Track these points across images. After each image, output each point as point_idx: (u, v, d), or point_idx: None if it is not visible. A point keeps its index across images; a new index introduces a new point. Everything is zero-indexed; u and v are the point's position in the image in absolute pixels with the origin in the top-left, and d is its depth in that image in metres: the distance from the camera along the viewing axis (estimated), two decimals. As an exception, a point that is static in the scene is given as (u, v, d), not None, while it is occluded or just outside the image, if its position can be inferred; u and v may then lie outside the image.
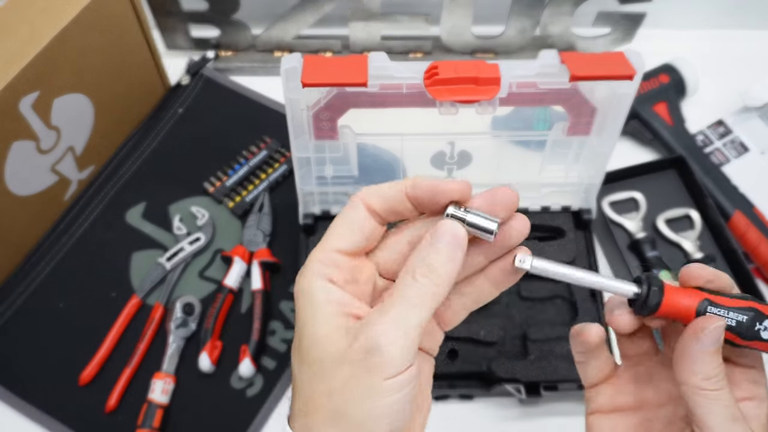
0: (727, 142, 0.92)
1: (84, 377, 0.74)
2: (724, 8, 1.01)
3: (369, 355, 0.32)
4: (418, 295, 0.34)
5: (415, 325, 0.33)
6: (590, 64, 0.62)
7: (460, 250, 0.35)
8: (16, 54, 0.68)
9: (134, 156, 0.90)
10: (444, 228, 0.35)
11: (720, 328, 0.37)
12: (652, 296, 0.38)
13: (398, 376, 0.33)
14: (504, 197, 0.36)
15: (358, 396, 0.33)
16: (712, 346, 0.37)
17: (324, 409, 0.34)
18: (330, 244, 0.36)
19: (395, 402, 0.33)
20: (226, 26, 0.95)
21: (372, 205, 0.36)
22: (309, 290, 0.35)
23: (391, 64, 0.61)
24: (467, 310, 0.40)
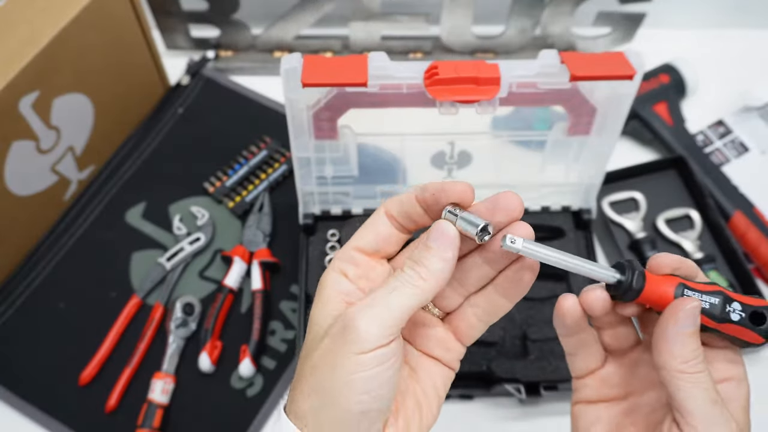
0: (727, 142, 0.92)
1: (84, 377, 0.74)
2: (725, 8, 1.01)
3: (345, 330, 0.35)
4: (400, 283, 0.36)
5: (393, 307, 0.35)
6: (590, 64, 0.62)
7: (450, 248, 0.36)
8: (16, 54, 0.68)
9: (134, 156, 0.90)
10: (435, 227, 0.37)
11: (696, 308, 0.37)
12: (636, 281, 0.38)
13: (372, 352, 0.34)
14: (506, 202, 0.37)
15: (333, 368, 0.35)
16: (689, 327, 0.37)
17: (306, 381, 0.36)
18: (351, 243, 0.40)
19: (367, 379, 0.35)
20: (226, 26, 0.95)
21: (390, 210, 0.39)
22: (323, 281, 0.39)
23: (391, 64, 0.61)
24: (483, 322, 0.42)
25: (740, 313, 0.39)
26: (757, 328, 0.39)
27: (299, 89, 0.61)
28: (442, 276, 0.36)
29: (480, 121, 0.70)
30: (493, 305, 0.41)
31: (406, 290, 0.36)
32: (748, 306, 0.39)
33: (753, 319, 0.39)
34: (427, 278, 0.36)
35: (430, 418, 0.41)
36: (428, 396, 0.42)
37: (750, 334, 0.39)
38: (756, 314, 0.39)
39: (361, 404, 0.35)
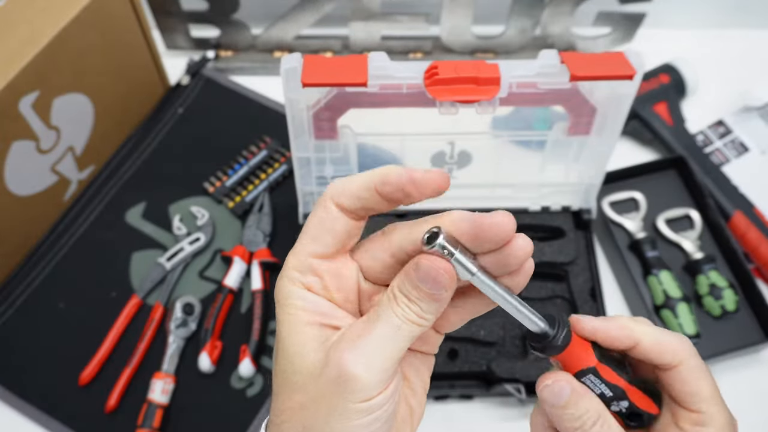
0: (727, 142, 0.92)
1: (84, 377, 0.74)
2: (725, 8, 1.01)
3: (341, 378, 0.32)
4: (396, 323, 0.33)
5: (390, 355, 0.33)
6: (590, 64, 0.62)
7: (445, 291, 0.33)
8: (16, 54, 0.68)
9: (134, 156, 0.90)
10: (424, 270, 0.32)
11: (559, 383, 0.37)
12: (563, 339, 0.37)
13: (370, 401, 0.32)
14: (491, 231, 0.32)
15: (329, 415, 0.32)
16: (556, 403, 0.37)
17: (297, 421, 0.33)
18: (303, 249, 0.35)
19: (368, 423, 0.33)
20: (226, 26, 0.95)
21: (343, 203, 0.34)
22: (285, 298, 0.35)
23: (391, 64, 0.61)
24: (464, 319, 0.39)
25: (623, 409, 0.39)
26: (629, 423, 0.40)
27: (299, 89, 0.61)
28: (437, 313, 0.34)
29: (480, 121, 0.70)
30: (475, 306, 0.38)
31: (406, 329, 0.33)
32: (634, 407, 0.39)
33: (630, 416, 0.40)
34: (422, 316, 0.33)
35: (419, 411, 0.40)
36: (417, 393, 0.40)
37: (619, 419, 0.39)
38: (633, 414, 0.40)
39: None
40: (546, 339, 0.37)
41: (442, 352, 0.73)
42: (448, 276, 0.32)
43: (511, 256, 0.33)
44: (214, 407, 0.74)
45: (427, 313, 0.33)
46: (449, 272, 0.32)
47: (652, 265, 0.79)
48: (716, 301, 0.77)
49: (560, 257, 0.77)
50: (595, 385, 0.38)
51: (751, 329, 0.77)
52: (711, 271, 0.79)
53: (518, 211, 0.80)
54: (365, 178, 0.34)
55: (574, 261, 0.78)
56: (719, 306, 0.77)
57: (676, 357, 0.39)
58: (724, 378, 0.76)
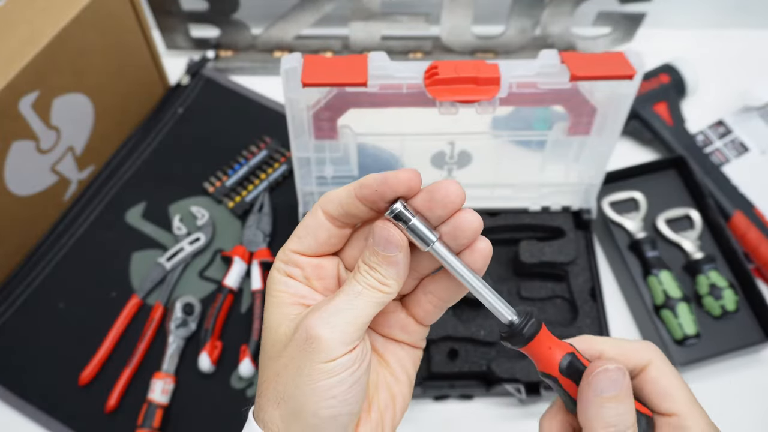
0: (727, 142, 0.92)
1: (84, 377, 0.74)
2: (725, 8, 1.01)
3: (307, 341, 0.35)
4: (357, 290, 0.36)
5: (353, 316, 0.35)
6: (590, 64, 0.62)
7: (398, 251, 0.36)
8: (16, 54, 0.68)
9: (134, 156, 0.90)
10: (377, 232, 0.36)
11: (615, 372, 0.36)
12: (528, 329, 0.38)
13: (333, 362, 0.35)
14: (444, 194, 0.35)
15: (297, 377, 0.35)
16: (607, 391, 0.36)
17: (272, 390, 0.36)
18: (289, 246, 0.39)
19: (333, 385, 0.35)
20: (226, 26, 0.95)
21: (329, 211, 0.37)
22: (270, 284, 0.39)
23: (391, 64, 0.62)
24: (439, 307, 0.40)
25: None
26: None
27: (299, 89, 0.61)
28: (398, 278, 0.36)
29: (480, 121, 0.70)
30: (447, 291, 0.39)
31: (367, 295, 0.36)
32: None
33: None
34: (384, 282, 0.36)
35: (402, 402, 0.41)
36: (400, 381, 0.41)
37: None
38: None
39: (331, 409, 0.35)
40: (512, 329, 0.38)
41: (442, 352, 0.73)
42: (398, 236, 0.36)
43: (460, 228, 0.36)
44: (214, 407, 0.74)
45: (388, 278, 0.36)
46: (399, 234, 0.36)
47: (652, 265, 0.79)
48: (716, 301, 0.77)
49: (560, 257, 0.77)
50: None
51: (751, 329, 0.77)
52: (711, 271, 0.79)
53: (518, 211, 0.80)
54: (348, 186, 0.37)
55: (574, 261, 0.78)
56: (719, 306, 0.77)
57: (643, 358, 0.39)
58: (724, 378, 0.76)
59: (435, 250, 0.36)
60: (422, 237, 0.36)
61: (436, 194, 0.35)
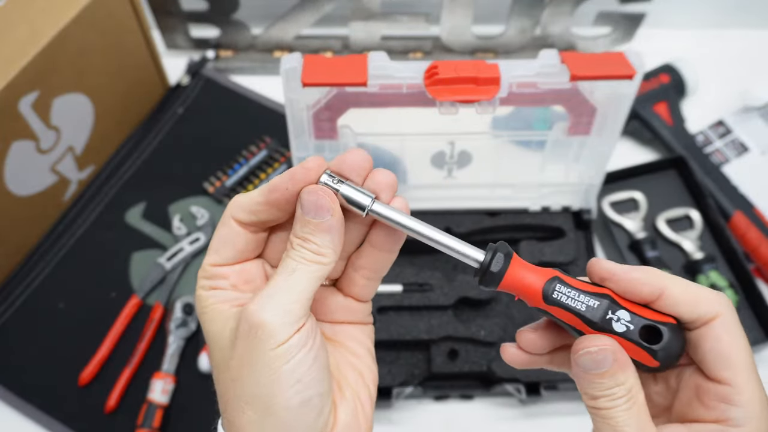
0: (727, 142, 0.92)
1: (84, 377, 0.74)
2: (724, 8, 1.01)
3: (251, 330, 0.33)
4: (293, 266, 0.34)
5: (294, 293, 0.34)
6: (590, 63, 0.62)
7: (331, 215, 0.34)
8: (16, 54, 0.68)
9: (134, 156, 0.89)
10: (305, 198, 0.34)
11: (603, 352, 0.33)
12: (494, 264, 0.34)
13: (285, 344, 0.33)
14: (352, 161, 0.35)
15: (254, 371, 0.33)
16: (592, 370, 0.33)
17: (233, 398, 0.34)
18: (207, 260, 0.37)
19: (293, 369, 0.33)
20: (226, 26, 0.95)
21: (241, 219, 0.36)
22: (199, 303, 0.37)
23: (391, 64, 0.62)
24: (371, 280, 0.40)
25: (627, 324, 0.33)
26: (648, 347, 0.33)
27: (299, 89, 0.61)
28: (335, 245, 0.35)
29: (480, 121, 0.70)
30: (376, 261, 0.39)
31: (304, 270, 0.34)
32: (639, 317, 0.33)
33: (644, 335, 0.33)
34: (320, 252, 0.34)
35: (370, 375, 0.40)
36: (361, 356, 0.40)
37: (642, 354, 0.33)
38: (649, 329, 0.33)
39: (299, 394, 0.33)
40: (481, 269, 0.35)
41: (442, 352, 0.73)
42: (328, 198, 0.34)
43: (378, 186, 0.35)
44: (214, 407, 0.74)
45: (323, 247, 0.34)
46: (329, 195, 0.34)
47: (652, 265, 0.79)
48: (716, 301, 0.77)
49: (560, 257, 0.77)
50: (573, 298, 0.34)
51: (751, 329, 0.77)
52: (711, 271, 0.79)
53: (518, 211, 0.80)
54: (257, 191, 0.36)
55: (574, 261, 0.78)
56: (719, 306, 0.77)
57: (712, 309, 0.33)
58: (724, 378, 0.76)
59: (375, 210, 0.35)
60: (357, 200, 0.34)
61: (344, 162, 0.35)
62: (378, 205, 0.35)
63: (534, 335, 0.38)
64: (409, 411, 0.75)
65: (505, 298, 0.77)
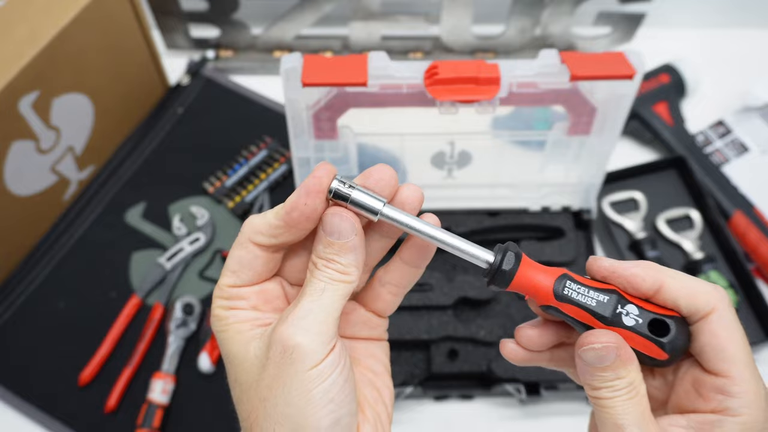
0: (727, 142, 0.92)
1: (84, 377, 0.74)
2: (725, 8, 1.01)
3: (286, 353, 0.33)
4: (321, 287, 0.34)
5: (325, 314, 0.34)
6: (590, 63, 0.62)
7: (353, 234, 0.35)
8: (15, 54, 0.68)
9: (134, 156, 0.89)
10: (327, 221, 0.35)
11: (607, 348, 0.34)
12: (505, 263, 0.35)
13: (319, 365, 0.33)
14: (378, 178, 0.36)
15: (287, 395, 0.33)
16: (595, 364, 0.34)
17: (262, 418, 0.34)
18: (225, 282, 0.37)
19: (327, 389, 0.33)
20: (226, 26, 0.95)
21: (259, 242, 0.36)
22: (216, 323, 0.37)
23: (391, 63, 0.62)
24: (397, 296, 0.40)
25: (636, 318, 0.34)
26: (658, 339, 0.34)
27: (299, 89, 0.61)
28: (358, 264, 0.35)
29: (480, 121, 0.70)
30: (404, 277, 0.39)
31: (331, 290, 0.34)
32: (647, 312, 0.34)
33: (653, 328, 0.34)
34: (345, 271, 0.35)
35: (388, 393, 0.40)
36: (379, 374, 0.40)
37: (650, 347, 0.34)
38: (656, 323, 0.34)
39: (331, 414, 0.33)
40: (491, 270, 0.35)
41: (442, 352, 0.73)
42: (349, 217, 0.34)
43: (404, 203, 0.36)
44: (214, 407, 0.74)
45: (348, 266, 0.35)
46: (349, 214, 0.35)
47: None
48: (716, 301, 0.77)
49: (560, 257, 0.77)
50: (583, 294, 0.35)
51: (751, 329, 0.77)
52: (711, 271, 0.79)
53: (518, 211, 0.80)
54: (273, 213, 0.36)
55: (575, 261, 0.78)
56: (719, 306, 0.77)
57: (709, 303, 0.34)
58: (724, 378, 0.76)
59: (385, 214, 0.35)
60: (368, 206, 0.35)
61: (369, 177, 0.35)
62: (389, 208, 0.35)
63: (533, 332, 0.39)
64: (409, 411, 0.75)
65: (505, 298, 0.77)
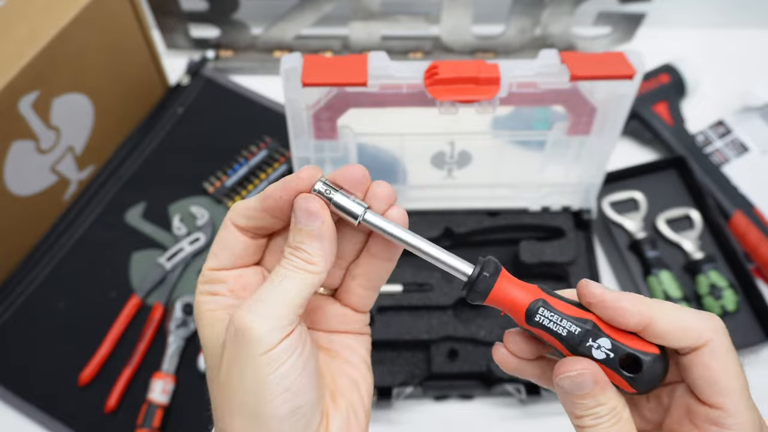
0: (727, 142, 0.92)
1: (84, 377, 0.74)
2: (725, 8, 1.01)
3: (238, 334, 0.33)
4: (286, 270, 0.34)
5: (282, 299, 0.34)
6: (590, 63, 0.62)
7: (321, 224, 0.35)
8: (15, 54, 0.68)
9: (134, 156, 0.89)
10: (298, 205, 0.35)
11: (582, 376, 0.33)
12: (481, 281, 0.35)
13: (273, 350, 0.33)
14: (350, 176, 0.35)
15: (241, 378, 0.33)
16: (574, 391, 0.34)
17: (225, 404, 0.34)
18: (207, 265, 0.38)
19: (282, 376, 0.33)
20: (226, 26, 0.95)
21: (239, 224, 0.37)
22: (197, 309, 0.38)
23: (391, 63, 0.62)
24: (369, 290, 0.40)
25: (607, 352, 0.33)
26: (627, 375, 0.33)
27: (299, 89, 0.61)
28: (325, 253, 0.35)
29: (480, 121, 0.70)
30: (373, 270, 0.39)
31: (294, 277, 0.34)
32: (620, 346, 0.33)
33: (625, 363, 0.34)
34: (310, 260, 0.34)
35: (365, 385, 0.40)
36: (356, 366, 0.40)
37: (620, 380, 0.34)
38: (630, 358, 0.33)
39: (288, 403, 0.33)
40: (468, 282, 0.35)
41: (442, 352, 0.73)
42: (318, 205, 0.35)
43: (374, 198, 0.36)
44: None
45: (314, 255, 0.35)
46: (318, 201, 0.35)
47: (652, 265, 0.79)
48: (716, 301, 0.77)
49: (560, 257, 0.77)
50: (555, 323, 0.34)
51: (751, 329, 0.77)
52: (711, 271, 0.79)
53: (518, 211, 0.80)
54: (254, 197, 0.36)
55: (575, 261, 0.78)
56: (719, 306, 0.77)
57: (701, 336, 0.33)
58: (724, 378, 0.76)
59: (367, 220, 0.35)
60: (349, 209, 0.35)
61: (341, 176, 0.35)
62: (370, 214, 0.35)
63: (519, 338, 0.38)
64: (409, 411, 0.75)
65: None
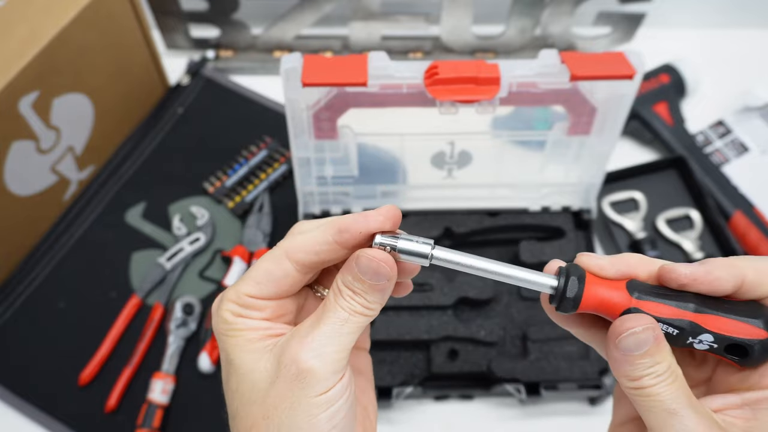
0: (727, 142, 0.92)
1: (84, 377, 0.74)
2: (725, 8, 1.01)
3: (299, 375, 0.33)
4: (343, 317, 0.34)
5: (341, 344, 0.34)
6: (590, 63, 0.62)
7: (387, 281, 0.35)
8: (16, 54, 0.68)
9: (134, 156, 0.89)
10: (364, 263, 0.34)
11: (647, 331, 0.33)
12: (569, 289, 0.34)
13: (329, 392, 0.33)
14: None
15: (292, 415, 0.33)
16: (633, 351, 0.33)
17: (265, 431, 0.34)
18: (244, 289, 0.36)
19: (332, 415, 0.33)
20: (226, 26, 0.95)
21: (301, 260, 0.36)
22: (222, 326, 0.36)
23: (391, 63, 0.62)
24: None
25: (711, 344, 0.33)
26: (737, 359, 0.33)
27: (299, 89, 0.61)
28: (383, 302, 0.35)
29: (480, 121, 0.70)
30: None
31: (353, 321, 0.35)
32: (725, 337, 0.33)
33: (731, 351, 0.33)
34: (369, 307, 0.35)
35: (373, 410, 0.41)
36: (365, 390, 0.41)
37: (727, 360, 0.34)
38: (734, 347, 0.33)
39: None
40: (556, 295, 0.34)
41: (442, 352, 0.73)
42: (388, 266, 0.35)
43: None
44: (214, 407, 0.74)
45: (373, 303, 0.35)
46: (388, 262, 0.35)
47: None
48: (716, 301, 0.77)
49: (560, 257, 0.77)
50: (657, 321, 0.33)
51: (751, 329, 0.77)
52: (711, 271, 0.79)
53: (518, 211, 0.80)
54: (321, 232, 0.35)
55: (574, 261, 0.78)
56: (719, 306, 0.77)
57: None
58: (724, 378, 0.76)
59: (437, 256, 0.35)
60: (418, 251, 0.34)
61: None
62: (438, 250, 0.35)
63: None
64: (409, 411, 0.75)
65: (505, 297, 0.77)
